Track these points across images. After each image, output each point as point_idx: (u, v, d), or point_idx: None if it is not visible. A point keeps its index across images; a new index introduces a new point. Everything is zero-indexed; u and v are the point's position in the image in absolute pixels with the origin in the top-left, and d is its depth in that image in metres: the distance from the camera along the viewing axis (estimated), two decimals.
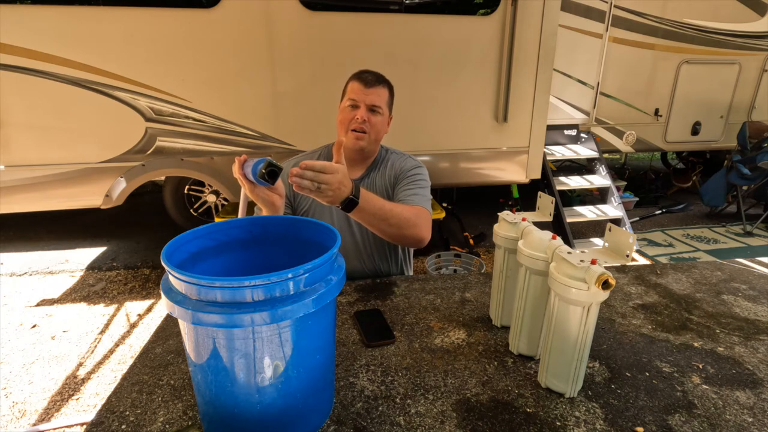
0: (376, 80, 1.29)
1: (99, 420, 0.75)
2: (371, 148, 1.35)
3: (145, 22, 2.50)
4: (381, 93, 1.30)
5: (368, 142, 1.30)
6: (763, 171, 4.04)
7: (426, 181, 1.36)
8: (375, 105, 1.28)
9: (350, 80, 1.32)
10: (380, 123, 1.31)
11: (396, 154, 1.42)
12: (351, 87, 1.30)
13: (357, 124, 1.27)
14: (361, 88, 1.28)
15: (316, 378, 0.70)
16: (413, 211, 1.20)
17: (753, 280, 1.29)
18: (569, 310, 0.75)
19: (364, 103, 1.27)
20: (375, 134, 1.31)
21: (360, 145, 1.30)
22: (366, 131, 1.28)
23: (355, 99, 1.28)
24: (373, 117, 1.29)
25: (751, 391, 0.82)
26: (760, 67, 4.25)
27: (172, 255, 0.69)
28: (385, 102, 1.31)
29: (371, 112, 1.28)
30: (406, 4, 2.80)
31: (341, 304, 1.13)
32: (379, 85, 1.29)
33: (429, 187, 1.36)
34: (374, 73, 1.32)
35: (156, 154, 2.74)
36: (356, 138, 1.28)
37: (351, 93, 1.29)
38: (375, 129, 1.30)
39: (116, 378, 2.08)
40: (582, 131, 4.07)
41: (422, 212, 1.24)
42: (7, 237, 3.82)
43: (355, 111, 1.28)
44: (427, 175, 1.38)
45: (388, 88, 1.33)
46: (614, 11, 3.74)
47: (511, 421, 0.74)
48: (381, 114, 1.30)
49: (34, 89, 2.48)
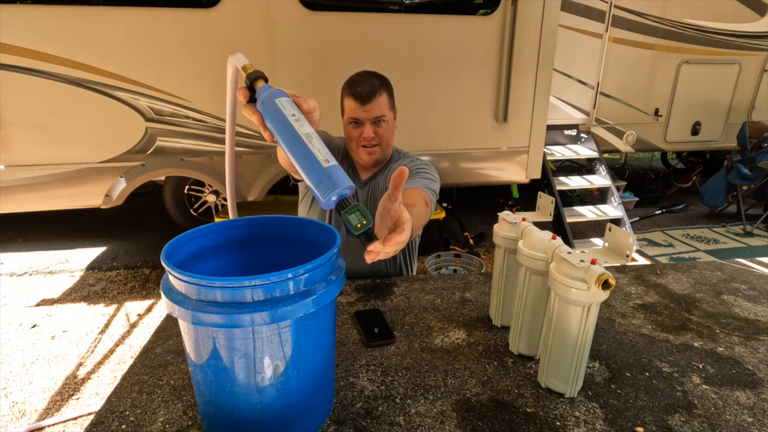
0: (371, 92, 1.22)
1: (99, 420, 0.75)
2: (385, 154, 1.35)
3: (145, 22, 2.50)
4: (380, 103, 1.24)
5: (381, 152, 1.30)
6: (763, 171, 4.04)
7: (428, 171, 1.31)
8: (378, 117, 1.25)
9: (344, 95, 1.26)
10: (388, 129, 1.29)
11: (408, 158, 1.39)
12: (348, 105, 1.25)
13: (366, 141, 1.26)
14: (358, 106, 1.22)
15: (316, 378, 0.70)
16: (425, 209, 1.11)
17: (753, 280, 1.29)
18: (569, 310, 0.75)
19: (368, 120, 1.24)
20: (386, 142, 1.30)
21: (374, 159, 1.30)
22: (376, 143, 1.27)
23: (356, 118, 1.24)
24: (380, 129, 1.26)
25: (751, 391, 0.82)
26: (760, 67, 4.25)
27: (172, 255, 0.69)
28: (387, 108, 1.27)
29: (376, 124, 1.26)
30: (406, 4, 2.80)
31: (341, 304, 1.13)
32: (375, 96, 1.22)
33: (432, 177, 1.29)
34: (367, 82, 1.23)
35: (156, 154, 2.74)
36: (369, 153, 1.28)
37: (350, 111, 1.24)
38: (384, 138, 1.28)
39: (116, 378, 2.08)
40: (582, 131, 4.07)
41: (428, 204, 1.16)
42: (7, 237, 3.82)
43: (360, 128, 1.25)
44: (432, 169, 1.34)
45: (386, 92, 1.26)
46: (614, 11, 3.74)
47: (511, 421, 0.74)
48: (386, 120, 1.27)
49: (35, 89, 2.48)
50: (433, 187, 1.25)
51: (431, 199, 1.20)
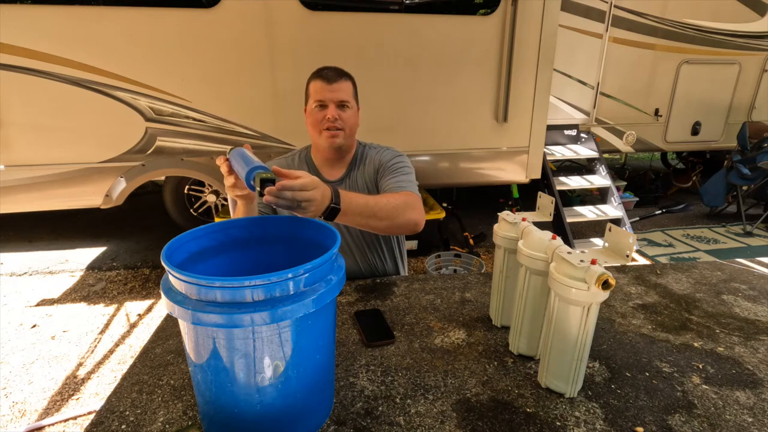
0: (338, 75, 1.27)
1: (99, 420, 0.75)
2: (348, 144, 1.34)
3: (145, 22, 2.50)
4: (345, 87, 1.27)
5: (344, 137, 1.30)
6: (763, 171, 4.04)
7: (408, 167, 1.34)
8: (343, 100, 1.27)
9: (311, 80, 1.30)
10: (352, 117, 1.30)
11: (374, 149, 1.40)
12: (314, 87, 1.27)
13: (329, 123, 1.26)
14: (324, 86, 1.25)
15: (316, 378, 0.70)
16: (400, 198, 1.17)
17: (753, 280, 1.29)
18: (569, 310, 0.75)
19: (332, 101, 1.26)
20: (349, 129, 1.30)
21: (337, 143, 1.29)
22: (340, 128, 1.27)
23: (321, 99, 1.26)
24: (344, 113, 1.27)
25: (751, 391, 0.82)
26: (760, 67, 4.25)
27: (172, 255, 0.69)
28: (351, 95, 1.30)
29: (340, 108, 1.27)
30: (406, 4, 2.80)
31: (341, 304, 1.13)
32: (341, 79, 1.27)
33: (413, 172, 1.33)
34: (333, 68, 1.29)
35: (156, 154, 2.74)
36: (332, 136, 1.27)
37: (316, 94, 1.26)
38: (348, 124, 1.29)
39: (116, 378, 2.08)
40: (582, 131, 4.07)
41: (409, 196, 1.20)
42: (7, 237, 3.82)
43: (324, 111, 1.27)
44: (408, 161, 1.36)
45: (351, 81, 1.31)
46: (614, 11, 3.73)
47: (511, 421, 0.74)
48: (350, 107, 1.29)
49: (34, 89, 2.48)
50: (412, 180, 1.30)
51: (417, 195, 1.25)
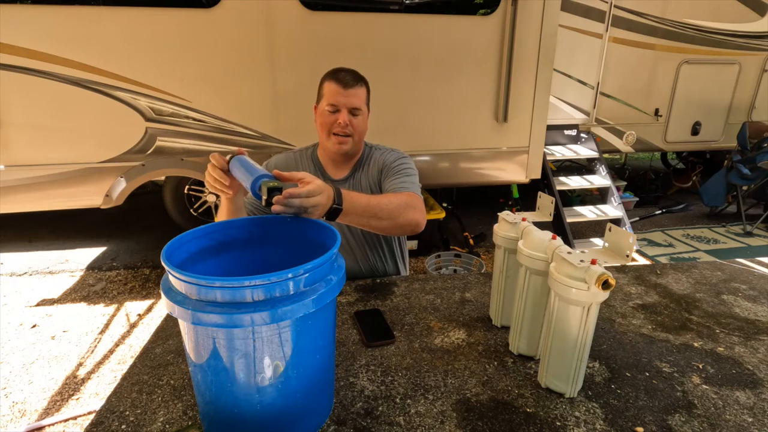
0: (354, 80, 1.27)
1: (99, 420, 0.75)
2: (356, 149, 1.35)
3: (145, 22, 2.50)
4: (360, 93, 1.28)
5: (352, 144, 1.30)
6: (763, 171, 4.04)
7: (412, 168, 1.34)
8: (356, 107, 1.27)
9: (326, 80, 1.29)
10: (362, 123, 1.31)
11: (379, 150, 1.41)
12: (328, 88, 1.27)
13: (340, 128, 1.26)
14: (339, 90, 1.25)
15: (316, 378, 0.70)
16: (402, 198, 1.17)
17: (753, 280, 1.29)
18: (569, 310, 0.74)
19: (345, 107, 1.25)
20: (358, 135, 1.30)
21: (344, 149, 1.30)
22: (349, 134, 1.28)
23: (335, 103, 1.26)
24: (355, 119, 1.28)
25: (751, 391, 0.82)
26: (760, 67, 4.25)
27: (172, 255, 0.69)
28: (364, 102, 1.30)
29: (352, 114, 1.27)
30: (406, 4, 2.80)
31: (341, 304, 1.13)
32: (357, 85, 1.27)
33: (416, 174, 1.34)
34: (350, 72, 1.29)
35: (156, 154, 2.73)
36: (340, 143, 1.28)
37: (330, 96, 1.26)
38: (358, 130, 1.29)
39: (116, 378, 2.08)
40: (582, 131, 4.07)
41: (411, 196, 1.21)
42: (7, 237, 3.82)
43: (336, 115, 1.26)
44: (411, 163, 1.36)
45: (365, 86, 1.31)
46: (614, 11, 3.73)
47: (511, 421, 0.74)
48: (362, 113, 1.30)
49: (34, 89, 2.48)
50: (415, 182, 1.31)
51: (419, 196, 1.26)
